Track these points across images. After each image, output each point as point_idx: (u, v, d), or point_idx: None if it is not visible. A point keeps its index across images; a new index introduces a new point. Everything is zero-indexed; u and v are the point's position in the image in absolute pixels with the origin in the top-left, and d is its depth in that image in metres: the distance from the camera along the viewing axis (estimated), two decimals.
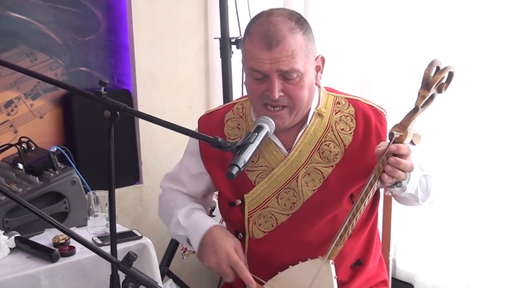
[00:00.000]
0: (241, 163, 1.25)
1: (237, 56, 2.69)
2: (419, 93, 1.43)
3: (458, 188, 2.20)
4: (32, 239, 1.85)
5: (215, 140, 1.26)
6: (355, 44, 2.44)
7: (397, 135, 1.44)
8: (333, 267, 1.51)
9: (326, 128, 1.63)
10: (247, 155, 1.28)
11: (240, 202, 1.66)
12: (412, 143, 1.46)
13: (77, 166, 2.15)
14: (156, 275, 1.88)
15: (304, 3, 2.57)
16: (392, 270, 2.20)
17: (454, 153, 2.20)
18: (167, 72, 2.90)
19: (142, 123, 2.83)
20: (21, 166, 2.08)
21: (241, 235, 1.69)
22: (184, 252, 2.65)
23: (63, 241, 1.80)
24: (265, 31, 1.50)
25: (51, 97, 2.62)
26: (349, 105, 1.67)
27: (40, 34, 2.55)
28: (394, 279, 2.43)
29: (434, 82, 1.40)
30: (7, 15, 2.47)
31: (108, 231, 1.87)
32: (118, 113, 1.27)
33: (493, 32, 2.04)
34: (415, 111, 1.45)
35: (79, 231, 1.93)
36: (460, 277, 2.25)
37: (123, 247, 1.78)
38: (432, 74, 1.41)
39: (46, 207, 1.94)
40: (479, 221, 2.17)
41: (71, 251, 1.76)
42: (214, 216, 2.67)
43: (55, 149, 2.13)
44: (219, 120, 1.73)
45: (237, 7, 2.67)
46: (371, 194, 1.47)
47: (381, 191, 1.73)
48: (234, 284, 1.76)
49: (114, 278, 1.26)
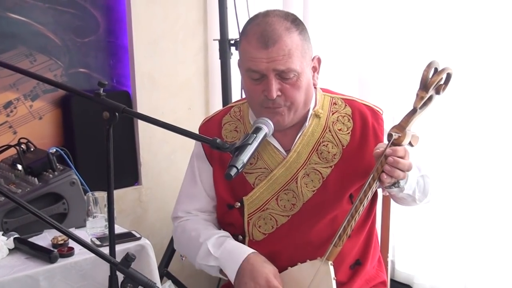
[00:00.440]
0: (239, 164, 1.25)
1: (236, 57, 2.67)
2: (417, 95, 1.43)
3: (456, 189, 2.20)
4: (31, 240, 1.84)
5: (214, 141, 1.26)
6: (354, 45, 2.45)
7: (395, 136, 1.44)
8: (332, 268, 1.51)
9: (323, 128, 1.64)
10: (245, 156, 1.28)
11: (239, 205, 1.67)
12: (410, 144, 1.46)
13: (76, 167, 2.15)
14: (155, 276, 1.88)
15: (303, 4, 2.58)
16: (391, 271, 2.19)
17: (451, 154, 2.20)
18: (166, 73, 2.89)
19: (141, 125, 2.83)
20: (20, 167, 2.08)
21: (241, 238, 1.69)
22: None
23: (62, 242, 1.80)
24: (261, 31, 1.51)
25: (50, 98, 2.62)
26: (345, 105, 1.67)
27: (39, 35, 2.55)
28: (393, 281, 2.43)
29: (432, 83, 1.41)
30: (7, 16, 2.46)
31: (107, 232, 1.87)
32: (117, 114, 1.27)
33: (491, 33, 2.04)
34: (413, 112, 1.45)
35: (78, 232, 1.93)
36: (459, 278, 2.25)
37: (122, 248, 1.78)
38: (430, 75, 1.41)
39: (45, 208, 1.94)
40: (477, 222, 2.17)
41: (70, 252, 1.76)
42: None
43: (54, 150, 2.14)
44: (217, 124, 1.74)
45: (236, 9, 2.67)
46: (370, 195, 1.48)
47: (379, 192, 1.74)
48: (233, 286, 1.76)
49: (112, 279, 1.26)
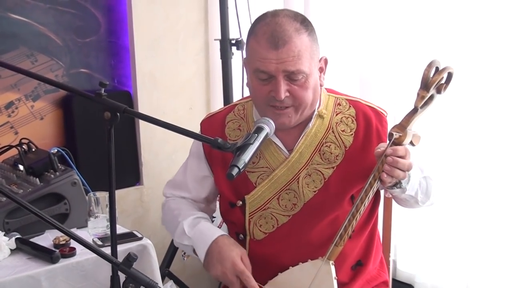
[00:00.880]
0: (241, 164, 1.25)
1: (237, 57, 2.69)
2: (418, 94, 1.43)
3: (458, 189, 2.20)
4: (32, 240, 1.84)
5: (215, 141, 1.26)
6: (354, 45, 2.45)
7: (396, 135, 1.44)
8: (333, 268, 1.51)
9: (327, 129, 1.63)
10: (247, 156, 1.28)
11: (241, 203, 1.67)
12: (411, 143, 1.46)
13: (77, 167, 2.15)
14: (156, 276, 1.88)
15: (304, 4, 2.58)
16: (392, 271, 2.20)
17: (453, 154, 2.20)
18: (167, 73, 2.89)
19: (142, 125, 2.83)
20: (21, 167, 2.08)
21: (242, 236, 1.69)
22: (184, 253, 2.65)
23: (64, 242, 1.80)
24: (271, 31, 1.49)
25: (51, 98, 2.62)
26: (350, 106, 1.66)
27: (40, 35, 2.56)
28: (394, 280, 2.43)
29: (433, 82, 1.40)
30: (8, 16, 2.47)
31: (108, 232, 1.87)
32: (118, 114, 1.27)
33: (492, 32, 2.04)
34: (415, 111, 1.45)
35: (80, 232, 1.93)
36: (460, 278, 2.25)
37: (123, 248, 1.78)
38: (431, 74, 1.41)
39: (46, 208, 1.94)
40: (479, 222, 2.17)
41: (71, 252, 1.76)
42: (214, 217, 2.68)
43: (56, 150, 2.14)
44: (220, 122, 1.73)
45: (237, 9, 2.67)
46: (371, 194, 1.47)
47: (382, 192, 1.74)
48: None
49: (114, 279, 1.27)
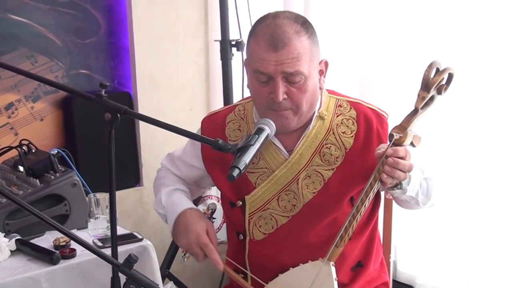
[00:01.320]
0: (241, 165, 1.25)
1: (237, 58, 2.68)
2: (419, 95, 1.42)
3: (458, 190, 2.20)
4: (32, 241, 1.84)
5: (216, 142, 1.26)
6: (355, 46, 2.45)
7: (396, 136, 1.43)
8: (333, 269, 1.51)
9: (327, 131, 1.63)
10: (247, 157, 1.28)
11: (240, 203, 1.67)
12: (412, 144, 1.46)
13: (77, 168, 2.15)
14: (156, 278, 1.88)
15: (304, 5, 2.58)
16: (393, 272, 2.19)
17: (454, 155, 2.20)
18: (167, 74, 2.89)
19: (142, 126, 2.83)
20: (21, 168, 2.08)
21: (242, 236, 1.70)
22: (184, 254, 2.65)
23: (64, 244, 1.80)
24: (271, 33, 1.50)
25: (51, 99, 2.62)
26: (350, 108, 1.66)
27: (40, 36, 2.56)
28: (395, 281, 2.43)
29: (433, 83, 1.40)
30: (8, 17, 2.47)
31: (108, 233, 1.87)
32: (118, 115, 1.27)
33: (493, 33, 2.04)
34: (415, 112, 1.45)
35: (80, 234, 1.93)
36: (460, 279, 2.25)
37: (123, 249, 1.78)
38: (431, 75, 1.40)
39: (46, 209, 1.94)
40: (479, 223, 2.17)
41: (71, 254, 1.76)
42: (214, 218, 2.68)
43: (56, 151, 2.14)
44: (221, 121, 1.74)
45: (237, 10, 2.67)
46: (371, 195, 1.47)
47: (382, 194, 1.73)
48: (234, 285, 1.76)
49: (115, 280, 1.26)
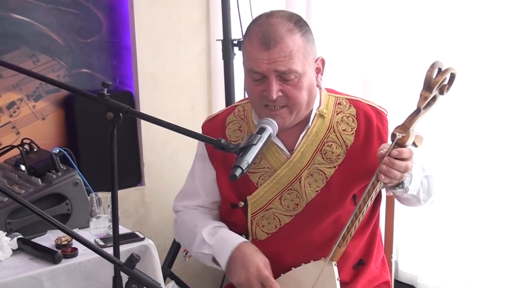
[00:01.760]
0: (244, 165, 1.25)
1: (239, 57, 2.68)
2: (421, 95, 1.43)
3: (460, 189, 2.20)
4: (34, 240, 1.85)
5: (218, 141, 1.26)
6: (357, 46, 2.44)
7: (399, 136, 1.44)
8: (335, 269, 1.51)
9: (328, 129, 1.63)
10: (250, 157, 1.28)
11: (243, 204, 1.67)
12: (414, 144, 1.46)
13: (79, 167, 2.15)
14: (158, 277, 1.88)
15: (306, 5, 2.57)
16: (394, 272, 2.19)
17: (455, 154, 2.20)
18: (169, 74, 2.89)
19: (144, 125, 2.83)
20: (23, 167, 2.08)
21: (244, 237, 1.69)
22: (186, 253, 2.65)
23: (66, 243, 1.80)
24: (263, 32, 1.51)
25: (53, 98, 2.62)
26: (350, 105, 1.67)
27: (42, 35, 2.55)
28: (396, 281, 2.43)
29: (436, 83, 1.40)
30: (10, 16, 2.47)
31: (110, 232, 1.88)
32: (121, 114, 1.27)
33: (495, 33, 2.03)
34: (417, 112, 1.45)
35: (81, 233, 1.93)
36: (462, 279, 2.25)
37: (125, 249, 1.78)
38: (434, 75, 1.40)
39: (48, 208, 1.94)
40: (481, 223, 2.17)
41: (73, 253, 1.77)
42: None
43: (58, 150, 2.13)
44: (221, 123, 1.74)
45: (239, 9, 2.67)
46: (374, 195, 1.48)
47: (383, 192, 1.73)
48: None
49: (117, 279, 1.26)
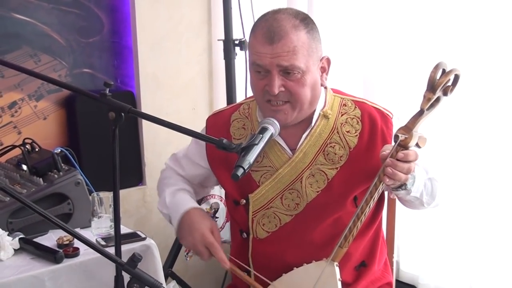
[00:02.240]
0: (246, 165, 1.26)
1: (240, 58, 2.68)
2: (425, 96, 1.42)
3: (462, 190, 2.19)
4: (36, 240, 1.84)
5: (220, 141, 1.26)
6: (359, 46, 2.44)
7: (402, 137, 1.43)
8: (337, 269, 1.51)
9: (331, 130, 1.63)
10: (252, 157, 1.28)
11: (244, 201, 1.67)
12: (417, 145, 1.46)
13: (80, 167, 2.14)
14: (159, 277, 1.88)
15: (307, 5, 2.58)
16: (395, 272, 2.19)
17: (458, 156, 2.20)
18: (170, 74, 2.89)
19: (145, 125, 2.83)
20: (25, 167, 2.08)
21: (245, 235, 1.70)
22: (187, 253, 2.65)
23: (67, 242, 1.80)
24: (268, 27, 1.52)
25: (54, 98, 2.62)
26: (355, 107, 1.66)
27: (44, 35, 2.55)
28: (397, 281, 2.42)
29: (439, 84, 1.40)
30: (11, 16, 2.47)
31: (112, 232, 1.87)
32: (123, 114, 1.27)
33: (499, 35, 2.03)
34: (421, 113, 1.44)
35: (83, 233, 1.93)
36: (463, 279, 2.25)
37: (127, 248, 1.77)
38: (437, 76, 1.40)
39: (50, 208, 1.94)
40: (482, 223, 2.17)
41: (75, 252, 1.76)
42: (217, 218, 2.68)
43: (59, 150, 2.13)
44: (226, 120, 1.74)
45: (240, 9, 2.67)
46: (376, 196, 1.47)
47: (386, 193, 1.73)
48: (238, 285, 1.76)
49: (118, 279, 1.26)
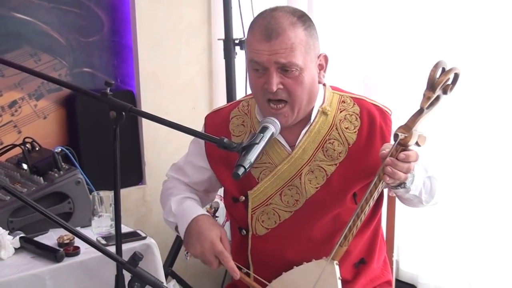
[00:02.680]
0: (247, 164, 1.26)
1: (240, 57, 2.69)
2: (424, 94, 1.42)
3: (461, 189, 2.20)
4: (36, 239, 1.85)
5: (221, 140, 1.27)
6: (358, 45, 2.44)
7: (401, 136, 1.43)
8: (337, 268, 1.51)
9: (330, 126, 1.64)
10: (252, 156, 1.29)
11: (243, 198, 1.68)
12: (417, 144, 1.46)
13: (81, 166, 2.15)
14: (160, 276, 1.88)
15: (307, 3, 2.58)
16: (395, 271, 2.19)
17: (458, 154, 2.20)
18: (170, 73, 2.90)
19: (145, 124, 2.83)
20: (25, 166, 2.08)
21: (244, 232, 1.70)
22: (187, 253, 2.65)
23: (68, 241, 1.80)
24: (265, 24, 1.53)
25: (55, 97, 2.62)
26: (354, 104, 1.67)
27: (44, 35, 2.56)
28: (397, 280, 2.42)
29: (439, 83, 1.40)
30: (11, 16, 2.47)
31: (112, 231, 1.88)
32: (123, 113, 1.28)
33: (498, 33, 2.03)
34: (420, 112, 1.45)
35: (83, 232, 1.91)
36: (463, 278, 2.25)
37: (127, 248, 1.77)
38: (437, 75, 1.40)
39: (50, 207, 1.94)
40: (482, 222, 2.17)
41: (75, 251, 1.76)
42: (217, 217, 2.68)
43: (60, 149, 2.14)
44: (225, 117, 1.75)
45: (240, 8, 2.67)
46: (376, 195, 1.48)
47: (385, 191, 1.74)
48: (237, 284, 1.77)
49: (119, 278, 1.27)
